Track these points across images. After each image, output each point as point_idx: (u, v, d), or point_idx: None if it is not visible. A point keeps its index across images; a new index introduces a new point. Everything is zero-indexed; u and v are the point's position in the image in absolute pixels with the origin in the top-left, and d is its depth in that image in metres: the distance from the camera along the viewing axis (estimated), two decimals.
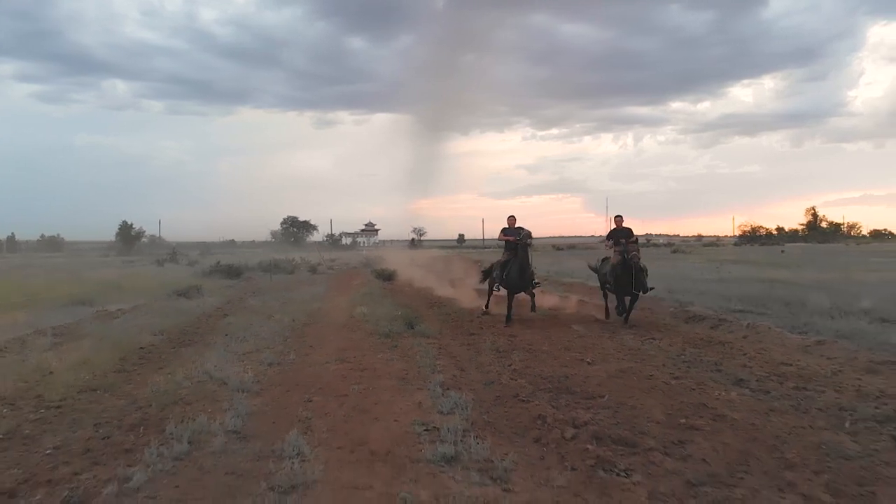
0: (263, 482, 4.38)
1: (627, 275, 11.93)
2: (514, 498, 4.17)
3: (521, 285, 12.92)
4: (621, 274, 12.06)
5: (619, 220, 13.00)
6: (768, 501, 4.13)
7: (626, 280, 11.98)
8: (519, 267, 12.73)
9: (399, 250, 69.14)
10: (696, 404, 6.40)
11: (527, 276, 12.80)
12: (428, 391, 7.01)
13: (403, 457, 4.94)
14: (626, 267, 11.93)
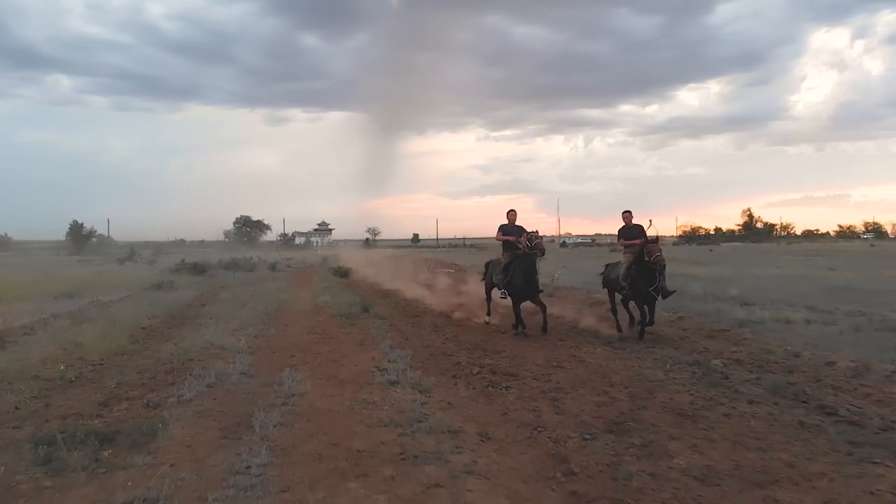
0: (272, 394, 6.82)
1: (646, 277, 10.47)
2: (432, 399, 6.69)
3: (527, 293, 11.25)
4: (638, 276, 10.59)
5: (628, 216, 11.40)
6: (589, 399, 6.72)
7: (645, 283, 10.48)
8: (524, 272, 11.10)
9: (354, 250, 71.19)
10: (569, 355, 9.07)
11: (534, 282, 11.16)
12: (380, 350, 9.51)
13: (363, 382, 7.45)
14: (645, 268, 10.45)
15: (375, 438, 5.37)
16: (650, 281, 10.44)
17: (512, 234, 11.57)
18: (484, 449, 5.18)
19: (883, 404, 6.40)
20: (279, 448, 5.09)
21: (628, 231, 11.32)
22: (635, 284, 10.67)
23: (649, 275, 10.43)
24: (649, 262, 10.35)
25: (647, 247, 10.52)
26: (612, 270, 11.61)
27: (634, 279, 10.67)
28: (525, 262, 11.13)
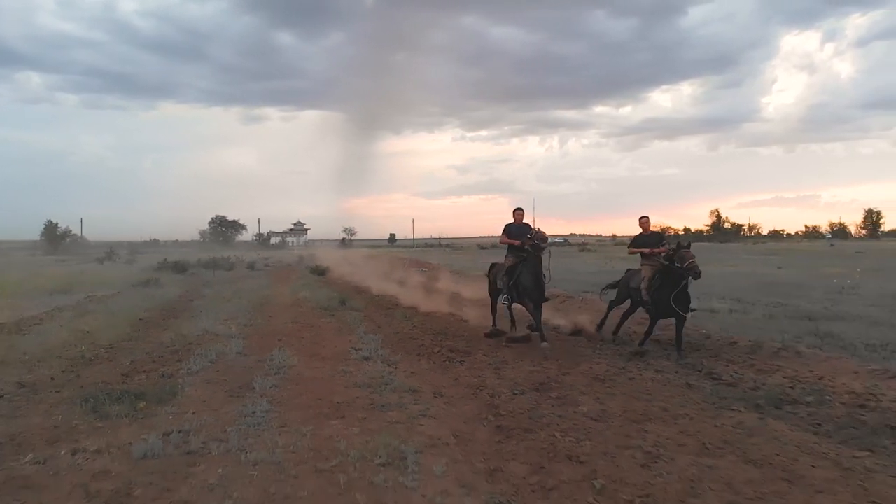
0: (266, 366, 8.24)
1: (671, 289, 9.18)
2: (398, 370, 8.15)
3: (537, 296, 10.06)
4: (662, 288, 9.35)
5: (645, 222, 10.38)
6: (525, 368, 8.22)
7: (669, 296, 9.18)
8: (533, 273, 10.00)
9: (330, 249, 72.18)
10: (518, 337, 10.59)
11: (542, 284, 10.08)
12: (355, 335, 10.97)
13: (341, 358, 8.91)
14: (672, 279, 9.21)
15: (351, 395, 6.84)
16: (679, 294, 9.17)
17: (518, 236, 10.42)
18: (436, 402, 6.66)
19: (761, 372, 7.98)
20: (276, 401, 6.54)
21: (646, 239, 10.16)
22: (660, 298, 9.40)
23: (677, 286, 9.15)
24: (681, 270, 8.99)
25: (680, 252, 9.14)
26: (632, 280, 10.38)
27: (658, 292, 9.45)
28: (532, 262, 10.02)
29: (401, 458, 4.82)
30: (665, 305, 9.29)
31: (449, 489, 4.31)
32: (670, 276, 9.25)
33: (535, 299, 10.10)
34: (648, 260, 9.98)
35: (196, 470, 4.62)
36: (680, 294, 9.18)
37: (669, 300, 9.17)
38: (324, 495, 4.19)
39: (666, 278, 9.36)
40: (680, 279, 9.11)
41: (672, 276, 9.22)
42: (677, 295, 9.16)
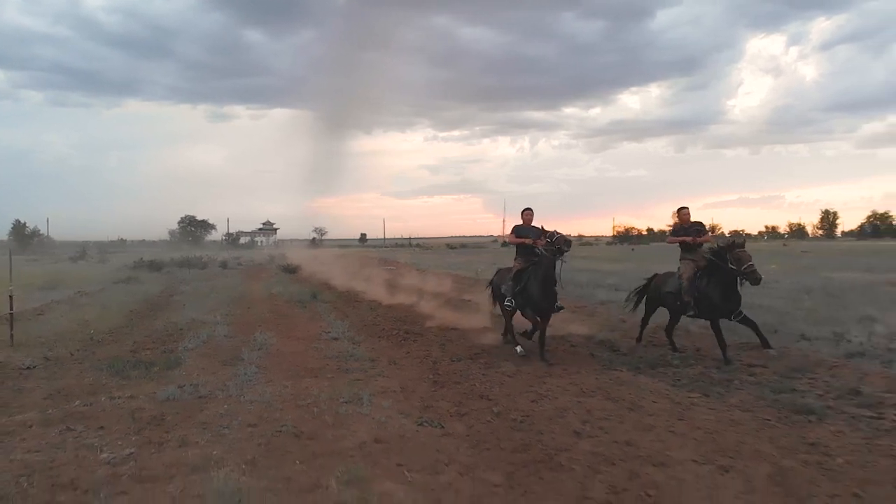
0: (250, 344, 9.93)
1: (721, 291, 8.43)
2: (361, 347, 9.90)
3: (546, 307, 9.01)
4: (710, 287, 8.55)
5: (685, 213, 9.40)
6: (465, 345, 10.01)
7: (719, 296, 8.45)
8: (543, 281, 8.88)
9: (300, 249, 73.33)
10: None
11: (553, 292, 8.96)
12: (326, 321, 12.71)
13: (313, 338, 10.65)
14: (721, 280, 8.41)
15: (322, 363, 8.60)
16: (728, 298, 8.40)
17: (528, 236, 9.46)
18: (390, 367, 8.43)
19: (652, 346, 9.85)
20: (262, 367, 8.26)
21: (687, 231, 9.30)
22: (706, 300, 8.55)
23: (727, 289, 8.39)
24: (737, 273, 8.19)
25: (735, 252, 8.21)
26: (668, 282, 9.45)
27: (704, 294, 8.58)
28: (544, 267, 8.88)
29: (359, 399, 6.58)
30: (714, 307, 8.47)
31: (392, 416, 6.07)
32: (720, 274, 8.40)
33: (544, 310, 9.01)
34: (689, 255, 9.10)
35: (208, 405, 6.34)
36: (730, 293, 8.41)
37: (720, 300, 8.40)
38: (302, 419, 5.93)
39: (715, 276, 8.49)
40: (732, 279, 8.28)
41: (722, 274, 8.37)
42: (727, 294, 8.40)
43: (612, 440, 5.31)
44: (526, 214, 9.74)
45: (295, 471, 4.54)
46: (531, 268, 9.23)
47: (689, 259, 9.09)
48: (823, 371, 7.56)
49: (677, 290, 9.12)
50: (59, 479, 4.34)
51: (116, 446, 5.06)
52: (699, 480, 4.42)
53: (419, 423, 5.87)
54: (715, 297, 8.48)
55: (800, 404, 6.21)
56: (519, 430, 5.65)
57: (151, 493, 4.14)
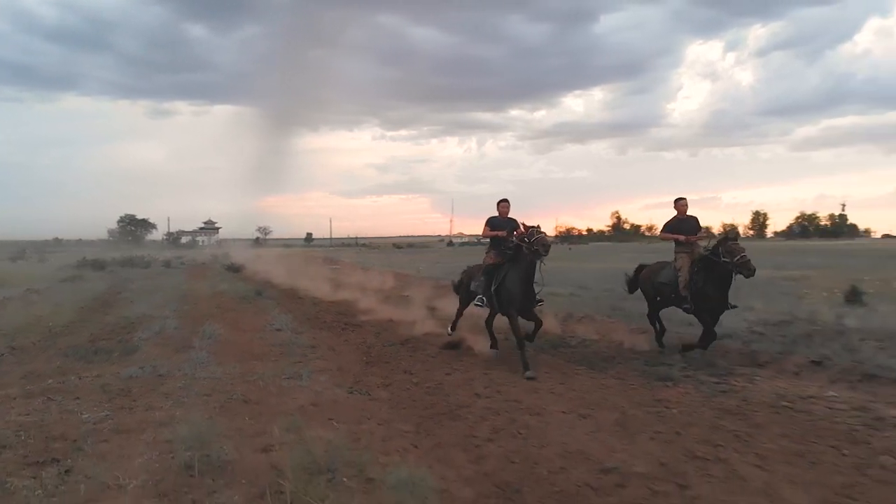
0: (200, 334, 10.91)
1: (717, 285, 8.38)
2: (303, 336, 10.98)
3: (524, 305, 8.62)
4: (706, 284, 8.46)
5: (682, 204, 9.21)
6: (398, 333, 11.19)
7: (715, 293, 8.40)
8: (522, 278, 8.46)
9: (243, 248, 73.09)
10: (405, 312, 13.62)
11: (532, 291, 8.59)
12: (270, 315, 13.72)
13: (258, 329, 11.68)
14: (717, 274, 8.35)
15: (266, 349, 9.67)
16: (723, 292, 8.40)
17: (503, 229, 9.02)
18: (329, 352, 9.55)
19: (564, 333, 11.23)
20: (212, 353, 9.28)
21: (683, 224, 9.13)
22: (702, 295, 8.49)
23: (722, 283, 8.37)
24: (730, 266, 8.15)
25: (728, 245, 8.21)
26: (662, 273, 9.31)
27: (701, 289, 8.50)
28: (522, 265, 8.46)
29: (299, 376, 7.71)
30: (709, 302, 8.42)
31: (328, 387, 7.22)
32: (715, 269, 8.35)
33: (526, 309, 8.65)
34: (684, 248, 8.94)
35: (167, 381, 7.38)
36: (725, 287, 8.39)
37: (716, 297, 8.38)
38: (250, 390, 7.02)
39: (710, 271, 8.43)
40: (728, 274, 8.27)
41: (717, 269, 8.32)
42: (723, 289, 8.39)
43: (503, 399, 6.61)
44: (502, 206, 9.22)
45: (245, 424, 5.67)
46: (508, 264, 8.70)
47: (685, 252, 8.91)
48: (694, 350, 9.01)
49: (672, 281, 8.94)
50: (50, 433, 5.36)
51: (93, 410, 6.09)
52: (562, 424, 5.73)
53: (350, 392, 7.05)
54: (711, 294, 8.38)
55: (663, 374, 7.63)
56: (431, 395, 6.90)
57: (128, 441, 5.22)
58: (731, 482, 4.35)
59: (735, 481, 4.36)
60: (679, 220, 9.18)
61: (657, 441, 5.25)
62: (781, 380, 7.28)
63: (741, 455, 4.86)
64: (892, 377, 6.89)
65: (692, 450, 4.98)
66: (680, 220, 9.18)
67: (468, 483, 4.40)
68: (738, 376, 7.50)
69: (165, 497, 4.05)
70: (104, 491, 4.18)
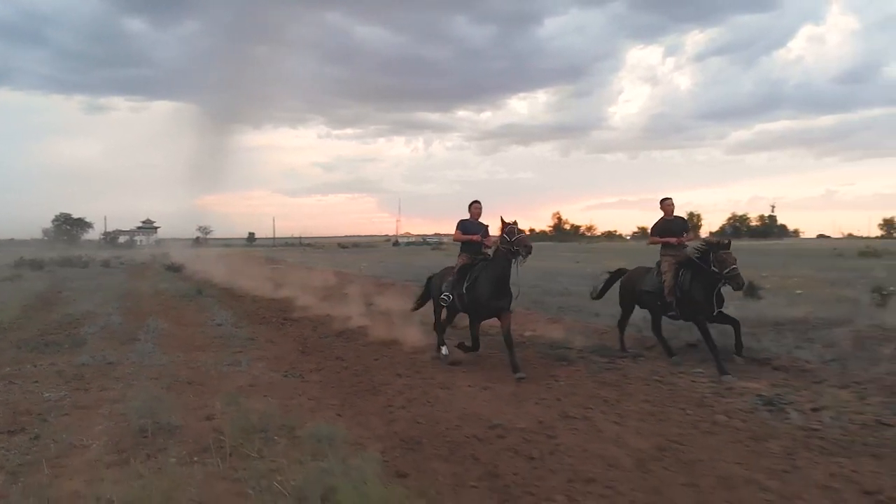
0: (144, 329, 11.55)
1: (704, 292, 8.01)
2: (242, 330, 11.74)
3: (496, 307, 8.17)
4: (693, 288, 8.13)
5: (668, 204, 8.97)
6: (334, 327, 12.05)
7: (703, 297, 8.03)
8: (496, 279, 8.07)
9: (183, 248, 72.15)
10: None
11: (506, 293, 8.18)
12: (211, 312, 14.40)
13: (200, 325, 12.39)
14: (704, 281, 8.00)
15: (208, 341, 10.43)
16: (710, 298, 8.01)
17: (475, 233, 8.75)
18: (267, 344, 10.36)
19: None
20: (157, 344, 9.98)
21: (670, 225, 8.85)
22: (690, 301, 8.16)
23: (709, 290, 7.99)
24: (719, 276, 7.81)
25: (719, 254, 7.81)
26: (647, 278, 8.90)
27: (687, 294, 8.18)
28: (498, 265, 8.07)
29: (239, 363, 8.53)
30: (698, 307, 8.06)
31: (265, 372, 8.06)
32: (702, 275, 8.04)
33: (500, 309, 8.17)
34: (671, 251, 8.65)
35: (117, 368, 8.11)
36: (712, 293, 8.02)
37: (704, 301, 8.02)
38: (193, 375, 7.82)
39: (697, 276, 8.12)
40: (714, 282, 7.94)
41: (704, 276, 8.00)
42: (710, 294, 8.01)
43: (420, 378, 7.60)
44: (474, 208, 8.94)
45: (189, 400, 6.51)
46: (481, 264, 8.42)
47: (671, 255, 8.60)
48: (596, 335, 10.17)
49: (657, 289, 8.57)
50: (17, 409, 6.09)
51: (53, 391, 6.82)
52: (466, 395, 6.75)
53: (285, 375, 7.92)
54: (698, 298, 8.05)
55: (562, 355, 8.73)
56: (358, 377, 7.82)
57: (87, 414, 6.00)
58: (590, 434, 5.42)
59: (594, 433, 5.44)
60: (666, 222, 8.91)
61: (540, 406, 6.31)
62: (662, 361, 8.45)
63: (605, 415, 5.95)
64: (752, 357, 8.14)
65: (567, 412, 6.05)
66: (667, 220, 8.92)
67: (380, 439, 5.35)
68: (624, 358, 8.66)
69: (123, 452, 4.88)
70: (71, 450, 4.99)
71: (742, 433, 5.37)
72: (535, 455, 4.88)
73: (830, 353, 7.99)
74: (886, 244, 53.07)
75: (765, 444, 5.06)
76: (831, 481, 4.29)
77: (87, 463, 4.68)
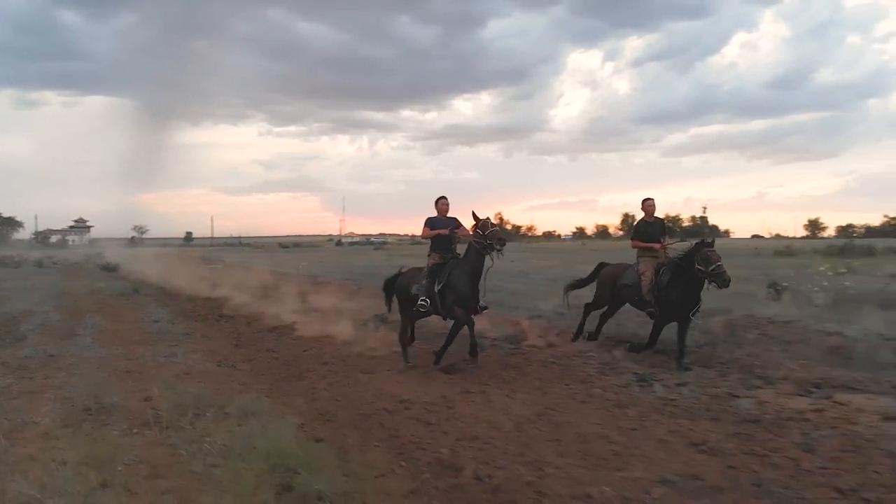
0: (83, 324, 11.97)
1: (683, 291, 8.02)
2: (178, 326, 12.27)
3: (473, 302, 8.08)
4: (670, 286, 8.16)
5: (650, 205, 8.97)
6: (266, 323, 12.70)
7: (680, 297, 8.06)
8: (470, 275, 7.94)
9: (118, 248, 70.56)
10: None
11: (477, 291, 8.08)
12: (148, 310, 14.83)
13: (137, 321, 12.86)
14: (685, 280, 8.00)
15: (145, 336, 10.96)
16: (690, 298, 8.01)
17: (444, 228, 8.44)
18: (202, 339, 10.94)
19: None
20: (96, 339, 10.47)
21: (650, 227, 8.91)
22: (666, 300, 8.20)
23: (690, 289, 7.99)
24: (704, 275, 7.74)
25: (704, 252, 7.79)
26: (626, 276, 8.90)
27: (665, 292, 8.22)
28: (471, 261, 7.96)
29: (175, 355, 9.13)
30: (675, 308, 8.11)
31: (200, 362, 8.70)
32: (684, 274, 8.02)
33: (472, 307, 8.08)
34: (650, 253, 8.70)
35: (58, 360, 8.64)
36: (693, 293, 8.01)
37: (681, 302, 8.03)
38: (132, 365, 8.41)
39: (678, 275, 8.12)
40: (698, 280, 7.89)
41: (686, 275, 7.98)
42: (691, 294, 8.01)
43: (344, 365, 8.39)
44: (441, 204, 8.68)
45: (129, 385, 7.15)
46: (453, 261, 8.22)
47: (648, 256, 8.68)
48: (510, 326, 11.12)
49: (634, 283, 8.65)
50: None
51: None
52: (384, 378, 7.57)
53: (218, 365, 8.60)
54: (677, 298, 8.06)
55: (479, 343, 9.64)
56: (287, 366, 8.56)
57: (35, 398, 6.58)
58: (483, 405, 6.32)
59: (486, 404, 6.34)
60: (647, 224, 8.93)
61: (447, 384, 7.20)
62: (563, 346, 9.45)
63: (499, 390, 6.87)
64: (639, 342, 9.20)
65: (467, 388, 6.96)
66: (647, 223, 8.94)
67: (300, 414, 6.12)
68: (530, 344, 9.64)
69: (70, 427, 5.54)
70: (24, 426, 5.61)
71: (610, 402, 6.38)
72: (433, 421, 5.75)
73: (705, 338, 9.10)
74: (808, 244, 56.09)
75: (625, 411, 6.07)
76: (668, 436, 5.29)
77: (39, 435, 5.33)
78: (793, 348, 8.37)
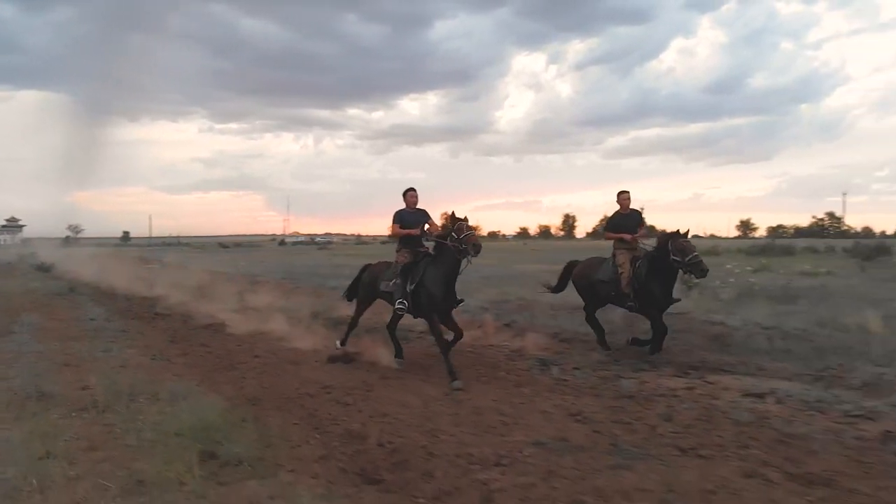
0: (20, 323, 12.18)
1: (661, 281, 8.22)
2: (114, 323, 12.59)
3: (446, 305, 7.87)
4: (648, 279, 8.25)
5: (625, 198, 9.03)
6: (200, 322, 13.12)
7: (659, 289, 8.22)
8: (444, 276, 7.72)
9: (52, 248, 68.54)
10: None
11: (453, 292, 7.89)
12: (84, 308, 15.04)
13: (74, 319, 13.12)
14: (662, 271, 8.19)
15: (83, 333, 11.28)
16: (668, 290, 8.29)
17: (414, 224, 8.24)
18: (138, 335, 11.32)
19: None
20: (34, 335, 10.75)
21: (625, 219, 8.98)
22: (647, 292, 8.29)
23: (668, 277, 8.26)
24: (681, 265, 8.02)
25: (678, 242, 7.98)
26: (601, 270, 8.90)
27: (644, 285, 8.29)
28: (446, 262, 7.70)
29: (111, 350, 9.54)
30: (654, 299, 8.22)
31: (135, 357, 9.14)
32: (661, 266, 8.17)
33: (445, 310, 7.87)
34: (624, 245, 8.73)
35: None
36: (670, 285, 8.30)
37: (661, 293, 8.20)
38: (71, 359, 8.80)
39: (654, 267, 8.24)
40: (673, 271, 8.18)
41: (662, 265, 8.15)
42: (668, 286, 8.26)
43: (276, 358, 8.96)
44: (409, 196, 8.40)
45: (67, 377, 7.59)
46: (425, 262, 7.94)
47: (625, 249, 8.70)
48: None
49: (611, 279, 8.64)
50: None
51: None
52: (311, 368, 8.22)
53: (153, 359, 9.07)
54: (656, 290, 8.18)
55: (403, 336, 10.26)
56: (219, 359, 9.09)
57: None
58: (399, 388, 7.05)
59: (401, 387, 7.07)
60: (622, 216, 8.98)
61: (370, 372, 7.90)
62: (483, 338, 10.23)
63: (417, 376, 7.62)
64: (547, 332, 10.07)
65: (386, 375, 7.67)
66: (623, 215, 8.99)
67: (228, 399, 6.70)
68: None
69: (12, 411, 6.01)
70: None
71: (509, 383, 7.20)
72: (349, 402, 6.44)
73: (606, 328, 10.00)
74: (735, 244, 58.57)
75: (520, 389, 6.88)
76: (551, 409, 6.10)
77: None
78: (680, 336, 9.34)
